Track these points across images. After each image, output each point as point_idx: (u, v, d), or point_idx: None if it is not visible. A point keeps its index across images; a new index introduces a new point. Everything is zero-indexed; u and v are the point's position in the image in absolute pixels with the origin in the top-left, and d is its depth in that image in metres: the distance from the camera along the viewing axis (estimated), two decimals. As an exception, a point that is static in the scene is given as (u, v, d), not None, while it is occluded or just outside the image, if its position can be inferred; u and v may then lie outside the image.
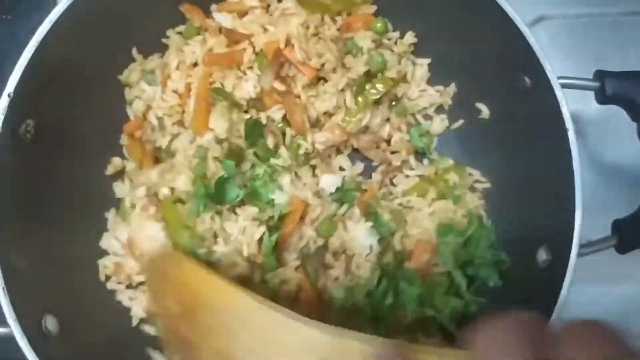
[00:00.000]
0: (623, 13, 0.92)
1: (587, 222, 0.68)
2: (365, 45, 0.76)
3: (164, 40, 0.76)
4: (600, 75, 0.68)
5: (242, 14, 0.74)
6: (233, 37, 0.72)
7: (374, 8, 0.77)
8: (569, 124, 0.66)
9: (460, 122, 0.81)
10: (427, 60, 0.80)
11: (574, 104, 0.87)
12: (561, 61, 0.83)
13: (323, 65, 0.74)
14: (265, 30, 0.73)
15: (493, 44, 0.71)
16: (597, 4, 0.92)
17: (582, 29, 0.91)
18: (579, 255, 0.66)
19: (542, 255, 0.69)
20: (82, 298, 0.69)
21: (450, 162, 0.80)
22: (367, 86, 0.75)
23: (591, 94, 0.70)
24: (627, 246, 0.68)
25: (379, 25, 0.78)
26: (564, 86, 0.68)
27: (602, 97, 0.68)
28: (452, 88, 0.80)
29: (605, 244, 0.69)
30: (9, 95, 0.59)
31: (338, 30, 0.76)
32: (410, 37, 0.79)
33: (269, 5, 0.75)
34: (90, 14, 0.66)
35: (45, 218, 0.66)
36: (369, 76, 0.76)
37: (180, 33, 0.75)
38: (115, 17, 0.70)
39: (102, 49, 0.69)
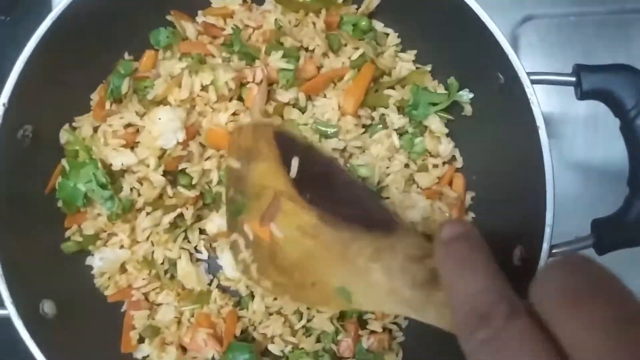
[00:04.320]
0: (610, 12, 0.91)
1: (568, 221, 0.67)
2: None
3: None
4: (577, 69, 0.66)
5: (227, 17, 0.78)
6: (211, 33, 0.75)
7: (353, 8, 0.78)
8: (540, 122, 0.65)
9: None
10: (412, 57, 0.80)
11: (558, 104, 0.87)
12: (549, 60, 0.82)
13: (313, 50, 0.76)
14: (247, 26, 0.76)
15: (470, 43, 0.71)
16: (585, 4, 0.91)
17: (570, 27, 0.91)
18: (555, 254, 0.65)
19: (518, 253, 0.68)
20: (80, 285, 0.76)
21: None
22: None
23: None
24: (605, 246, 0.66)
25: (363, 23, 0.78)
26: (539, 82, 0.67)
27: (580, 92, 0.66)
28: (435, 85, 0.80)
29: (583, 243, 0.67)
30: (3, 105, 0.65)
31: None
32: (393, 38, 0.79)
33: (250, 9, 0.78)
34: (86, 16, 0.70)
35: (43, 213, 0.73)
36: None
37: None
38: (109, 21, 0.74)
39: (93, 53, 0.74)
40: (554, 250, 0.65)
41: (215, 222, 0.79)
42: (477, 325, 0.34)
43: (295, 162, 0.63)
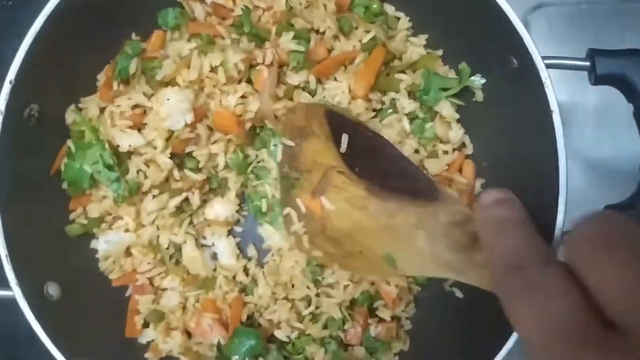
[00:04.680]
0: (622, 0, 0.90)
1: (579, 209, 0.67)
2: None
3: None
4: (591, 54, 0.65)
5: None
6: (220, 14, 0.75)
7: (364, -10, 0.77)
8: (554, 106, 0.64)
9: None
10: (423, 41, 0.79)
11: (568, 94, 0.87)
12: (559, 47, 0.82)
13: (324, 32, 0.75)
14: (257, 7, 0.75)
15: (483, 28, 0.70)
16: (595, -8, 0.90)
17: (580, 15, 0.90)
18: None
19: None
20: (85, 268, 0.75)
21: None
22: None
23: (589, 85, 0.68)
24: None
25: (374, 6, 0.77)
26: (553, 66, 0.66)
27: (594, 77, 0.66)
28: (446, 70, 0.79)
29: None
30: (10, 82, 0.64)
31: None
32: (404, 22, 0.78)
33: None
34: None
35: (49, 194, 0.72)
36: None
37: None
38: (116, 0, 0.73)
39: (100, 33, 0.73)
40: (565, 237, 0.64)
41: (215, 208, 0.79)
42: (513, 274, 0.37)
43: (345, 138, 0.67)
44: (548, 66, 0.65)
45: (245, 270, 0.79)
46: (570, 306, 0.33)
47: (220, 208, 0.79)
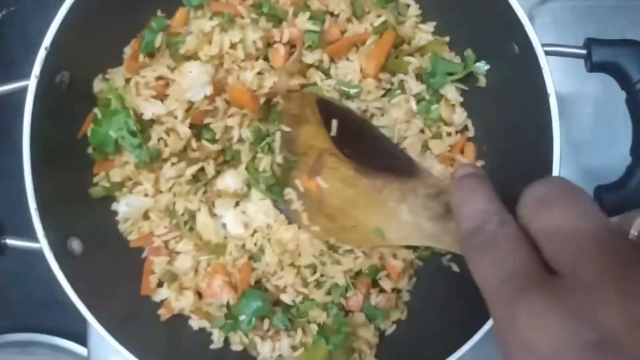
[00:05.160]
0: None
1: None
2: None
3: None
4: (588, 42, 0.70)
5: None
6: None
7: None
8: (551, 89, 0.68)
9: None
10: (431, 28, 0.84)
11: (567, 84, 0.91)
12: (562, 41, 0.85)
13: (338, 15, 0.79)
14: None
15: (488, 17, 0.74)
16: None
17: (584, 12, 0.95)
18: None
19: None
20: (105, 228, 0.80)
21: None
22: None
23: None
24: (607, 210, 0.70)
25: (386, -7, 0.82)
26: (552, 53, 0.70)
27: (590, 65, 0.70)
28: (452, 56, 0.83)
29: (585, 209, 0.70)
30: (45, 48, 0.69)
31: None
32: (414, 9, 0.83)
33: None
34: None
35: (75, 157, 0.77)
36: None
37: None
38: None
39: (128, 10, 0.78)
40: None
41: (226, 179, 0.82)
42: (475, 234, 0.42)
43: (334, 123, 0.75)
44: (547, 53, 0.69)
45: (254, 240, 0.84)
46: (519, 257, 0.38)
47: (231, 180, 0.83)
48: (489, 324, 0.69)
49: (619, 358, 0.32)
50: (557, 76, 0.69)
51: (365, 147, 0.74)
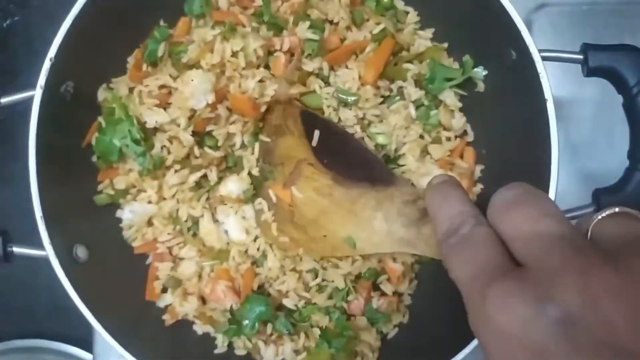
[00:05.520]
0: (621, 2, 0.96)
1: (571, 196, 0.72)
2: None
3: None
4: (584, 48, 0.71)
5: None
6: (242, 3, 0.81)
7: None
8: (548, 95, 0.69)
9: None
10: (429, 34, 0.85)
11: (565, 90, 0.92)
12: (560, 46, 0.86)
13: (337, 23, 0.81)
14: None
15: (485, 23, 0.75)
16: (597, -7, 0.96)
17: (581, 16, 0.96)
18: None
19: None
20: (110, 235, 0.81)
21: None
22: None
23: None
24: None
25: (385, 1, 0.82)
26: (549, 59, 0.71)
27: (587, 70, 0.71)
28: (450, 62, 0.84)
29: (585, 210, 0.71)
30: (50, 59, 0.71)
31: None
32: (413, 16, 0.84)
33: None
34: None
35: (80, 165, 0.79)
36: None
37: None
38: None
39: (131, 20, 0.79)
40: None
41: (228, 186, 0.83)
42: (451, 235, 0.46)
43: (317, 133, 0.76)
44: (544, 58, 0.70)
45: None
46: (491, 253, 0.42)
47: (234, 186, 0.84)
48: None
49: (580, 330, 0.36)
50: (556, 80, 0.70)
51: (345, 158, 0.76)
